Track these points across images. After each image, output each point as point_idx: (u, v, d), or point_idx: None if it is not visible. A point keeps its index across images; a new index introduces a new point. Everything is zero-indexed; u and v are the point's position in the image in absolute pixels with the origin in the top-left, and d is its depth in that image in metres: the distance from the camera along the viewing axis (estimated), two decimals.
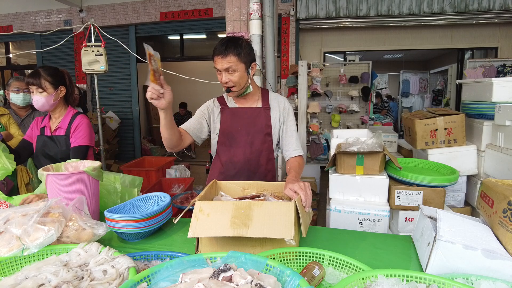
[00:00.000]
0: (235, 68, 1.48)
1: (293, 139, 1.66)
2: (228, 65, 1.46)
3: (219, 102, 1.67)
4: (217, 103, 1.67)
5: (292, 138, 1.66)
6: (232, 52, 1.46)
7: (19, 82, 2.68)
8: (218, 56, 1.47)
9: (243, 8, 3.02)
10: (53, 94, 1.92)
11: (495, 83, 2.36)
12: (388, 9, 6.17)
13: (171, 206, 1.44)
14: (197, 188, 3.89)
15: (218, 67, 1.49)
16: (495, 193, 1.04)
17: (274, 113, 1.64)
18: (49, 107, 1.94)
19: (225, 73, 1.49)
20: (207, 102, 1.69)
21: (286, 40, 6.42)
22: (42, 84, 1.89)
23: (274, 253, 1.01)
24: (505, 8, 5.89)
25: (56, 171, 1.48)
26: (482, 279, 0.87)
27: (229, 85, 1.51)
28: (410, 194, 1.91)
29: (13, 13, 7.72)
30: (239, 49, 1.47)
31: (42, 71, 1.91)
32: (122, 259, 0.95)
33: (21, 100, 2.66)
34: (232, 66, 1.47)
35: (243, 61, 1.50)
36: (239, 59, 1.48)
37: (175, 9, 6.86)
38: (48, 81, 1.90)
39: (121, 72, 7.45)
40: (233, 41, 1.48)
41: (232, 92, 1.55)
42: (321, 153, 5.43)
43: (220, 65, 1.48)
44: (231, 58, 1.46)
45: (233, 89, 1.53)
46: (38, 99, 1.90)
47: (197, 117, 1.64)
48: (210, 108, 1.67)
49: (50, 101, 1.92)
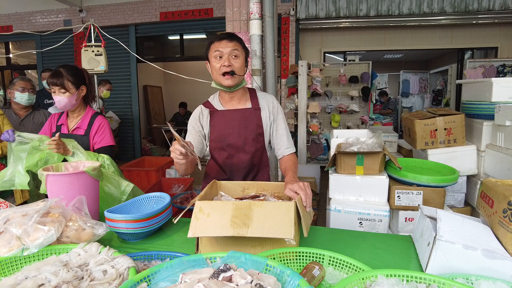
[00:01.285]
0: (238, 54, 1.51)
1: (284, 138, 1.64)
2: (234, 48, 1.49)
3: (207, 107, 1.64)
4: (205, 109, 1.64)
5: (283, 136, 1.64)
6: (237, 39, 1.52)
7: (25, 82, 2.69)
8: (223, 40, 1.49)
9: (243, 8, 3.02)
10: (75, 94, 1.92)
11: (495, 83, 2.36)
12: (388, 9, 6.17)
13: (171, 206, 1.43)
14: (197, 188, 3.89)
15: (221, 49, 1.49)
16: (495, 193, 1.04)
17: (264, 113, 1.63)
18: (71, 107, 1.94)
19: (228, 57, 1.50)
20: (195, 113, 1.65)
21: (286, 40, 6.42)
22: (65, 84, 1.88)
23: (274, 253, 1.01)
24: (505, 8, 5.89)
25: (56, 171, 1.48)
26: (482, 279, 0.87)
27: (232, 68, 1.49)
28: (410, 194, 1.91)
29: (13, 13, 7.72)
30: (241, 40, 1.55)
31: (64, 71, 1.90)
32: (122, 259, 0.95)
33: (26, 100, 2.67)
34: (237, 51, 1.50)
35: (245, 52, 1.56)
36: (242, 47, 1.54)
37: (175, 9, 6.86)
38: (70, 81, 1.90)
39: (121, 72, 7.44)
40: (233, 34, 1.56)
41: (233, 78, 1.50)
42: (321, 153, 5.43)
43: (225, 48, 1.49)
44: (237, 44, 1.51)
45: (237, 72, 1.51)
46: (60, 99, 1.89)
47: (193, 134, 1.61)
48: (200, 117, 1.63)
49: (72, 101, 1.92)
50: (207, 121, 1.63)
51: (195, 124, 1.63)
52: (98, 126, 1.99)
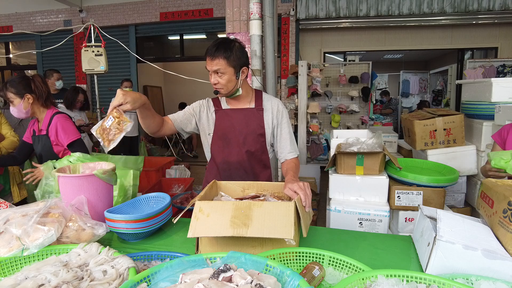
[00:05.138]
0: (223, 71, 1.48)
1: (287, 142, 1.64)
2: (216, 68, 1.47)
3: (214, 103, 1.67)
4: (211, 104, 1.67)
5: (286, 141, 1.64)
6: (221, 55, 1.45)
7: None
8: (208, 58, 1.48)
9: (243, 8, 3.02)
10: (21, 103, 2.00)
11: (495, 83, 2.37)
12: (388, 9, 6.17)
13: (171, 206, 1.43)
14: (197, 188, 3.89)
15: (208, 68, 1.51)
16: (495, 193, 1.04)
17: (267, 115, 1.63)
18: (24, 114, 2.04)
19: (214, 74, 1.50)
20: (201, 101, 1.69)
21: (286, 40, 6.42)
22: (8, 96, 1.98)
23: (274, 253, 1.01)
24: (505, 8, 5.89)
25: (73, 172, 1.48)
26: (482, 279, 0.87)
27: (217, 87, 1.53)
28: (410, 194, 1.91)
29: (13, 13, 7.72)
30: (228, 52, 1.46)
31: (8, 83, 2.00)
32: (122, 259, 0.95)
33: None
34: (220, 69, 1.47)
35: (232, 65, 1.48)
36: (227, 62, 1.47)
37: (175, 9, 6.87)
38: (12, 92, 1.99)
39: (121, 72, 7.44)
40: (225, 44, 1.47)
41: (219, 94, 1.58)
42: (321, 153, 5.43)
43: (209, 67, 1.49)
44: (220, 61, 1.46)
45: (221, 91, 1.54)
46: (12, 109, 2.02)
47: (187, 112, 1.65)
48: (203, 107, 1.66)
49: (21, 109, 2.01)
50: (212, 117, 1.65)
51: (197, 107, 1.66)
52: (55, 126, 2.05)
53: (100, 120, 1.24)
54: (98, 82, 3.98)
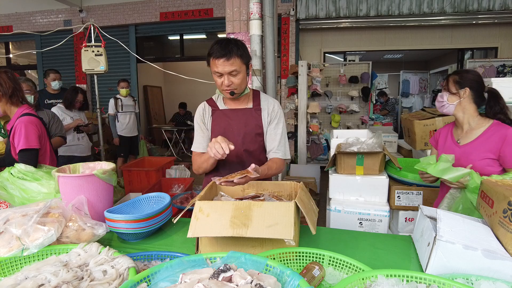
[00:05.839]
0: (239, 70, 1.43)
1: (276, 142, 1.61)
2: (233, 68, 1.41)
3: (210, 105, 1.65)
4: (207, 106, 1.65)
5: (274, 141, 1.62)
6: (236, 54, 1.40)
7: (25, 85, 2.71)
8: (221, 59, 1.40)
9: (243, 8, 3.02)
10: None
11: (495, 83, 2.36)
12: (388, 9, 6.17)
13: (171, 206, 1.43)
14: (197, 188, 3.89)
15: (220, 71, 1.42)
16: (495, 193, 1.04)
17: (264, 114, 1.63)
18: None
19: (227, 76, 1.44)
20: (199, 111, 1.66)
21: (286, 40, 6.42)
22: None
23: (274, 253, 1.01)
24: (505, 8, 5.89)
25: (73, 172, 1.48)
26: (482, 279, 0.87)
27: (231, 88, 1.47)
28: (410, 194, 1.91)
29: (13, 13, 7.72)
30: (241, 50, 1.43)
31: None
32: (122, 259, 0.95)
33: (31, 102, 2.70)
34: (236, 69, 1.42)
35: (245, 62, 1.47)
36: (242, 60, 1.43)
37: (175, 9, 6.87)
38: None
39: (121, 72, 7.44)
40: (234, 42, 1.44)
41: (235, 95, 1.52)
42: (321, 153, 5.44)
43: (222, 68, 1.41)
44: (236, 61, 1.41)
45: (235, 91, 1.49)
46: None
47: (199, 130, 1.64)
48: (203, 114, 1.65)
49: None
50: (209, 119, 1.64)
51: (201, 122, 1.64)
52: (15, 128, 1.89)
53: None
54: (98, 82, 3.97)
